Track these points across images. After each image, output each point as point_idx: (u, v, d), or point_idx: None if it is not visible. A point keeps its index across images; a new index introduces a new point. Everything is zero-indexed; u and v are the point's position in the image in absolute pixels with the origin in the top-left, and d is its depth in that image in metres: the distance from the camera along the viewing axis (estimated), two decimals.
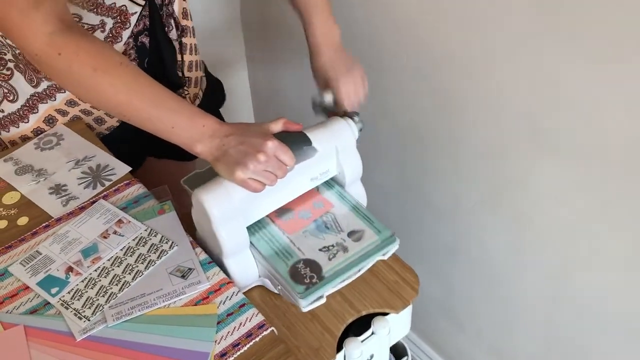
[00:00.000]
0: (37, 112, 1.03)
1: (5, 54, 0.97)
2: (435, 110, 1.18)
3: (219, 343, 0.75)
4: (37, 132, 1.05)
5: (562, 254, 1.08)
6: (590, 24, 0.84)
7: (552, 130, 0.97)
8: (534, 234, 1.11)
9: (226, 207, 0.80)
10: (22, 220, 0.91)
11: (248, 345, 0.75)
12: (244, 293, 0.83)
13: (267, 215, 0.88)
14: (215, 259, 0.85)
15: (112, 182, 0.96)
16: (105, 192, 0.94)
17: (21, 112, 1.02)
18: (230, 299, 0.80)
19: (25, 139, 1.05)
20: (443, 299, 1.43)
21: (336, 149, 0.89)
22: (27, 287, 0.81)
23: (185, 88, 1.12)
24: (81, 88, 0.79)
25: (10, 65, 0.98)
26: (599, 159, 0.93)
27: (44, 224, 0.90)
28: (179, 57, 1.08)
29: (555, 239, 1.07)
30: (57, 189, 0.95)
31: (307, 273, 0.81)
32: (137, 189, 0.95)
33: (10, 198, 0.95)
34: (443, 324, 1.48)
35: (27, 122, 1.03)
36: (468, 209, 1.21)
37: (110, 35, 0.97)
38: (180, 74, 1.09)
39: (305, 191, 0.90)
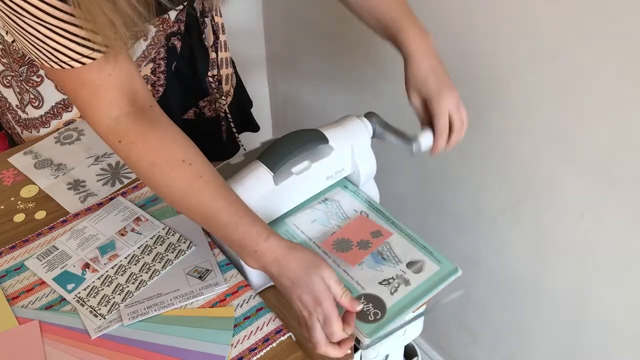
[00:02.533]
0: (61, 119, 1.04)
1: None
2: None
3: (235, 347, 0.74)
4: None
5: (585, 270, 1.06)
6: (623, 37, 0.82)
7: (579, 143, 0.95)
8: (556, 247, 1.09)
9: None
10: (40, 214, 0.91)
11: (265, 350, 0.74)
12: (258, 293, 0.82)
13: (319, 245, 0.84)
14: (232, 259, 0.84)
15: (131, 179, 0.95)
16: (123, 189, 0.93)
17: (43, 119, 1.02)
18: (247, 302, 0.79)
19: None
20: (459, 310, 1.41)
21: (352, 147, 0.87)
22: (43, 282, 0.81)
23: (221, 85, 1.11)
24: (140, 177, 0.74)
25: (42, 72, 0.98)
26: (626, 173, 0.91)
27: (61, 219, 0.89)
28: (212, 55, 1.06)
29: (578, 254, 1.05)
30: (76, 185, 0.95)
31: (370, 309, 0.76)
32: None
33: (28, 191, 0.94)
34: (457, 335, 1.46)
35: (49, 127, 1.04)
36: (489, 220, 1.19)
37: (152, 43, 0.96)
38: (215, 71, 1.07)
39: (321, 189, 0.89)
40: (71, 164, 0.98)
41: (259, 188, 0.79)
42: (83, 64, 0.66)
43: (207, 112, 1.11)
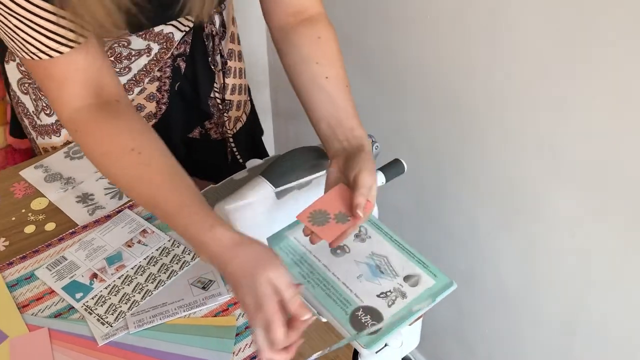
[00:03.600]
0: None
1: None
2: (454, 135, 1.19)
3: (236, 355, 0.77)
4: (67, 143, 1.08)
5: (579, 282, 1.08)
6: (613, 57, 0.86)
7: (572, 158, 0.98)
8: (550, 261, 1.11)
9: (249, 220, 0.82)
10: (50, 226, 0.94)
11: None
12: None
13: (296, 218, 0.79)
14: None
15: None
16: (130, 203, 0.97)
17: (54, 127, 1.06)
18: None
19: (55, 148, 1.08)
20: (455, 323, 1.43)
21: None
22: (53, 291, 0.84)
23: (226, 113, 1.12)
24: (95, 166, 0.76)
25: None
26: (617, 187, 0.93)
27: (70, 231, 0.92)
28: (221, 81, 1.08)
29: (572, 267, 1.08)
30: (84, 198, 0.98)
31: (368, 321, 0.79)
32: None
33: (38, 204, 0.97)
34: (454, 348, 1.48)
35: (59, 136, 1.07)
36: (485, 235, 1.22)
37: (155, 59, 0.99)
38: (221, 97, 1.09)
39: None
40: (80, 178, 1.01)
41: (261, 203, 0.82)
42: (50, 56, 0.70)
43: (212, 134, 1.14)
